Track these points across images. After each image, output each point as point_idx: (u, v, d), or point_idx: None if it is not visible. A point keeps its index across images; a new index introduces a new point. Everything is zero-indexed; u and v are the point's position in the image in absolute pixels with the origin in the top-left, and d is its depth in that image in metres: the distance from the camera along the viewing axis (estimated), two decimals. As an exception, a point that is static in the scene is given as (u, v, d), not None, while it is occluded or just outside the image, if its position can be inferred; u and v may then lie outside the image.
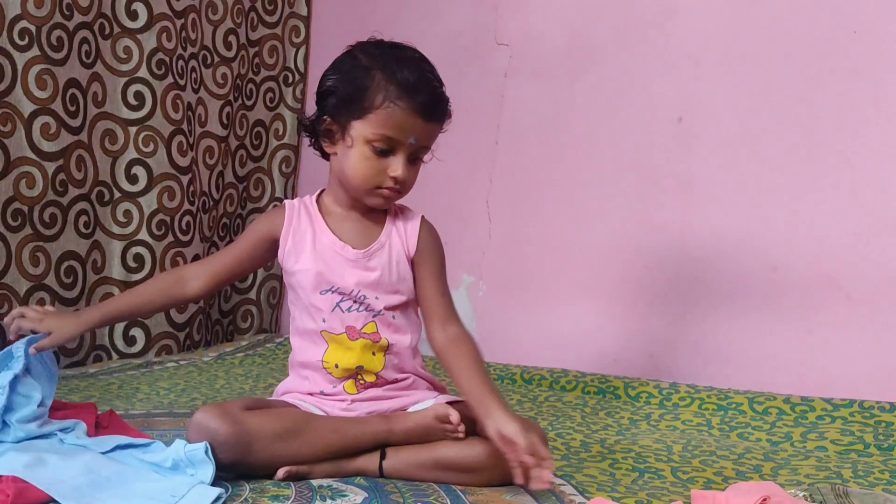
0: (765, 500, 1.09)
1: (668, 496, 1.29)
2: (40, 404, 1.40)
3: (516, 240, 2.49)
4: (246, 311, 2.96)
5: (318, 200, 1.48)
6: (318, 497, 1.22)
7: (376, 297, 1.40)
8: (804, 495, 1.17)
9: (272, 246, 1.45)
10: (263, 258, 1.49)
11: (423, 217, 1.47)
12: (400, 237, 1.44)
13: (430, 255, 1.45)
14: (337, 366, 1.40)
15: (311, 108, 3.01)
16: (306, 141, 3.00)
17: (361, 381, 1.40)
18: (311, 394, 1.42)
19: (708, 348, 2.19)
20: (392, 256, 1.42)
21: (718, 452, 1.56)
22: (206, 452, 1.22)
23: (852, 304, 2.00)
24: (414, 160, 1.38)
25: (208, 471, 1.21)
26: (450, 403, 1.38)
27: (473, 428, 1.32)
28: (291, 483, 1.28)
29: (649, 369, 2.19)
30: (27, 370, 1.42)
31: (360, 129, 1.34)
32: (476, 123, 2.55)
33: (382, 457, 1.34)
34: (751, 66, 2.15)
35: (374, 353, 1.40)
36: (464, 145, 2.56)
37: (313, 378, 1.42)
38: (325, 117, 1.38)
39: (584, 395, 2.06)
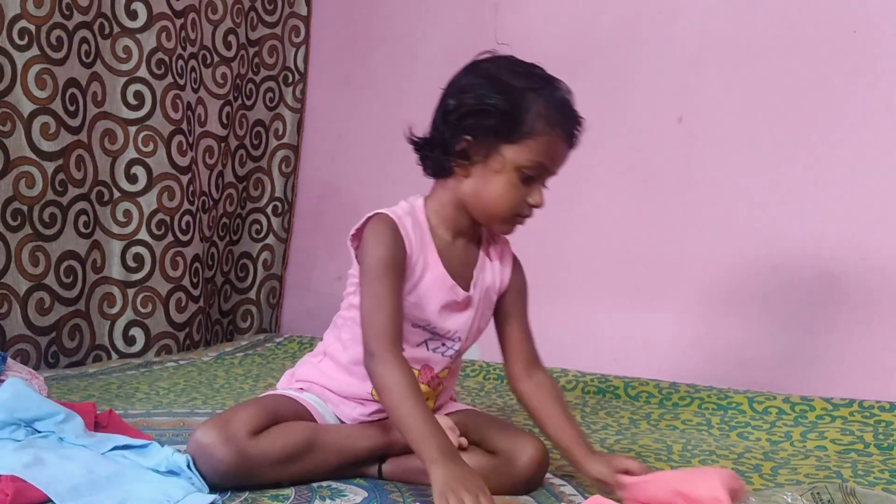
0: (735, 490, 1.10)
1: (667, 496, 1.28)
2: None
3: (515, 240, 2.48)
4: (246, 310, 2.96)
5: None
6: (317, 497, 1.22)
7: (466, 339, 1.36)
8: (809, 493, 1.16)
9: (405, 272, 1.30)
10: None
11: (512, 251, 1.42)
12: (493, 271, 1.38)
13: (521, 293, 1.40)
14: None
15: (311, 108, 3.04)
16: (306, 141, 3.06)
17: None
18: (336, 393, 1.37)
19: (708, 348, 2.19)
20: (486, 292, 1.36)
21: (718, 452, 1.55)
22: (189, 466, 1.21)
23: (852, 304, 2.00)
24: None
25: (197, 479, 1.21)
26: (452, 413, 1.38)
27: (473, 440, 1.32)
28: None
29: (649, 369, 2.19)
30: None
31: (514, 155, 1.25)
32: (476, 123, 2.54)
33: (382, 461, 1.34)
34: (751, 66, 2.15)
35: (426, 399, 1.33)
36: (464, 145, 2.56)
37: (348, 381, 1.35)
38: (466, 137, 1.26)
39: (584, 394, 2.06)
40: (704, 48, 2.22)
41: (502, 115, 1.24)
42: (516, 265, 1.42)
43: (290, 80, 3.00)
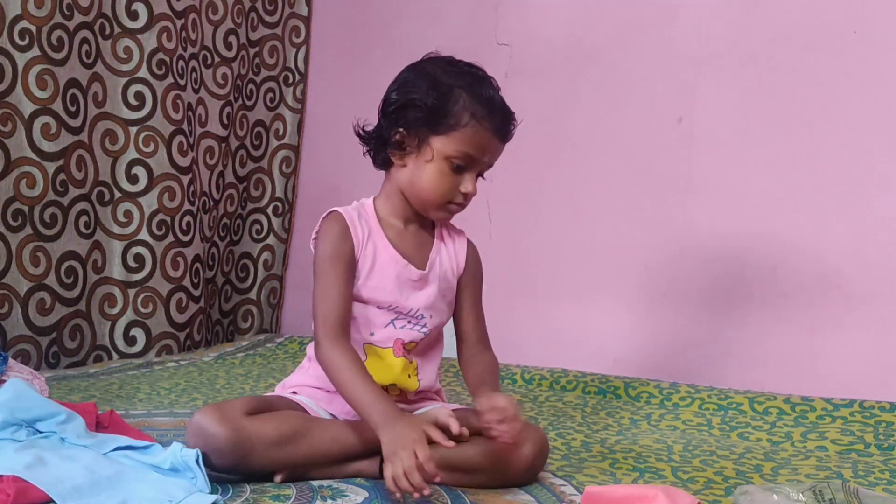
0: None
1: (668, 496, 1.28)
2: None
3: (516, 240, 2.49)
4: (246, 311, 2.96)
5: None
6: (318, 497, 1.23)
7: (431, 316, 1.42)
8: (811, 491, 1.17)
9: (355, 261, 1.39)
10: None
11: (467, 237, 1.49)
12: (449, 255, 1.46)
13: (475, 278, 1.48)
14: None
15: (312, 109, 3.05)
16: (306, 141, 3.06)
17: (386, 391, 1.40)
18: (327, 391, 1.40)
19: (708, 348, 2.19)
20: (444, 274, 1.44)
21: (719, 452, 1.56)
22: (197, 460, 1.22)
23: (852, 304, 2.00)
24: (477, 176, 1.40)
25: (202, 477, 1.21)
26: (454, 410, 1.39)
27: (475, 430, 1.32)
28: (292, 483, 1.28)
29: (650, 369, 2.19)
30: None
31: (442, 146, 1.34)
32: (476, 123, 2.54)
33: (383, 460, 1.34)
34: (751, 67, 2.15)
35: (409, 376, 1.41)
36: (464, 145, 2.56)
37: None
38: (399, 129, 1.37)
39: (585, 395, 2.06)
40: (704, 48, 2.22)
41: (431, 109, 1.34)
42: (471, 249, 1.49)
43: (291, 80, 3.00)
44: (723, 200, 2.19)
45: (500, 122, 1.36)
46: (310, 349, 1.47)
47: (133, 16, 2.46)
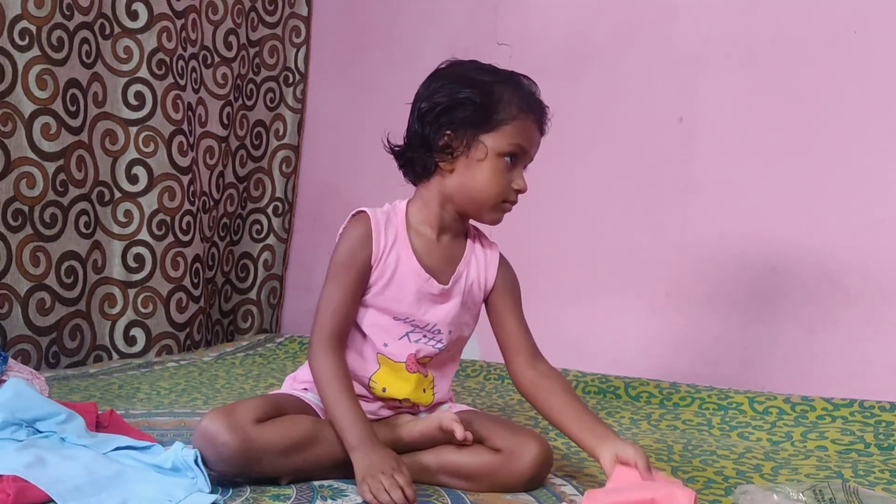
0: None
1: (668, 496, 1.28)
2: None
3: (516, 240, 2.49)
4: (246, 311, 2.96)
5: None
6: (318, 497, 1.23)
7: (450, 332, 1.40)
8: (811, 490, 1.17)
9: (370, 270, 1.37)
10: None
11: (499, 251, 1.46)
12: (478, 268, 1.42)
13: (510, 290, 1.44)
14: (385, 390, 1.38)
15: (312, 109, 3.04)
16: (306, 141, 3.06)
17: (398, 403, 1.40)
18: None
19: (708, 348, 2.19)
20: (469, 288, 1.41)
21: (719, 452, 1.56)
22: (196, 461, 1.22)
23: (852, 304, 2.00)
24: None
25: (202, 477, 1.21)
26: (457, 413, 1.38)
27: (477, 438, 1.33)
28: (293, 483, 1.28)
29: (650, 369, 2.19)
30: None
31: (494, 142, 1.32)
32: (476, 123, 2.54)
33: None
34: (751, 67, 2.16)
35: (424, 390, 1.40)
36: (464, 145, 2.56)
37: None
38: (447, 132, 1.32)
39: (585, 394, 2.06)
40: (705, 48, 2.22)
41: (477, 106, 1.31)
42: (503, 264, 1.45)
43: (291, 80, 3.00)
44: (723, 200, 2.19)
45: (542, 113, 1.36)
46: None
47: (133, 16, 2.46)
